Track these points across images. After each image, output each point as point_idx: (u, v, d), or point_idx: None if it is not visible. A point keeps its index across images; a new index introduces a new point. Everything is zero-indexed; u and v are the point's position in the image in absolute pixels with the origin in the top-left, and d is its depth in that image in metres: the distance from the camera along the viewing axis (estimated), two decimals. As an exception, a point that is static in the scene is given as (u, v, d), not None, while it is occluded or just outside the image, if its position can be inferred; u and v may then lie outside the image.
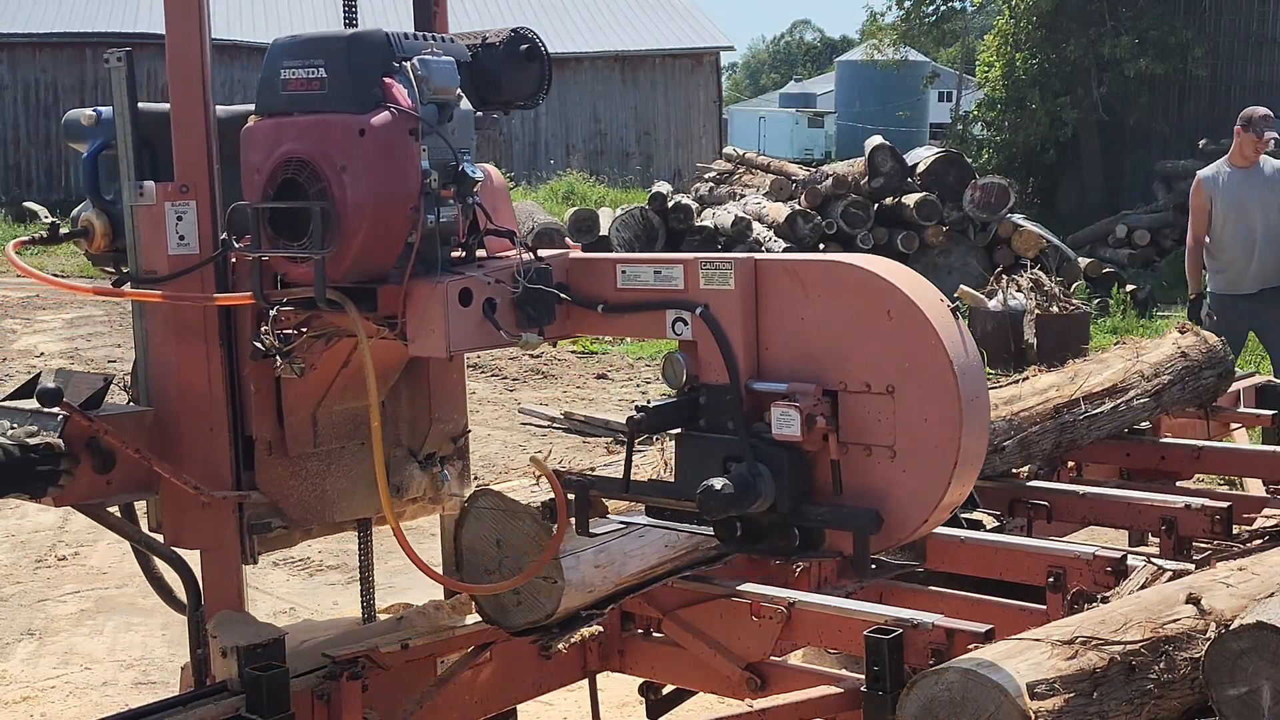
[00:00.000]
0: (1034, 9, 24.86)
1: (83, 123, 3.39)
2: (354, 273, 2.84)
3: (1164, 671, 2.57)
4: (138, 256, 3.24)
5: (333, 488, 3.44)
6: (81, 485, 3.13)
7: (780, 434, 2.60)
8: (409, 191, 2.82)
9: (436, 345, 2.83)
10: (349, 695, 3.27)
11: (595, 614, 3.36)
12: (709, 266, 2.74)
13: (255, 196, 2.90)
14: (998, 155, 25.37)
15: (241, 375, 3.24)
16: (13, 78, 31.20)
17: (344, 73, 2.83)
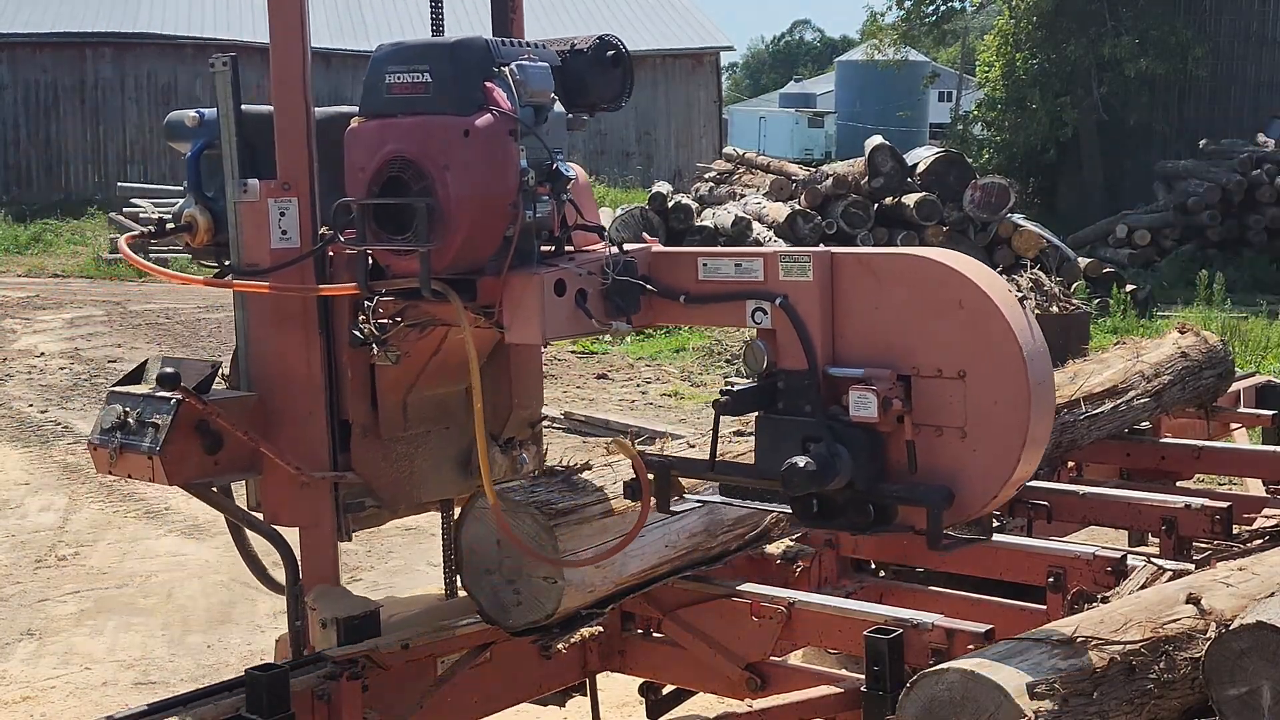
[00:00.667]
0: (1034, 9, 24.86)
1: (186, 124, 3.53)
2: (456, 265, 2.98)
3: (1164, 671, 2.57)
4: (240, 250, 3.39)
5: (419, 469, 3.59)
6: (192, 465, 3.30)
7: (858, 416, 2.76)
8: (509, 188, 2.97)
9: (532, 333, 3.00)
10: (349, 695, 3.27)
11: (595, 614, 3.35)
12: (788, 259, 2.90)
13: (359, 193, 3.03)
14: (998, 155, 25.37)
15: (338, 362, 3.40)
16: (13, 78, 31.19)
17: (448, 77, 2.98)
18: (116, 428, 3.33)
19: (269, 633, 6.33)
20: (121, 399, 3.37)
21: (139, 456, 3.29)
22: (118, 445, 3.32)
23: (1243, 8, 24.66)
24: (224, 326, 16.13)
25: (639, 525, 3.17)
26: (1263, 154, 19.73)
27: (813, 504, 2.86)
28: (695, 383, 12.31)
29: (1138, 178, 23.47)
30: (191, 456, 3.30)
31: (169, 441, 3.26)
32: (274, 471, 3.43)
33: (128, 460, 3.31)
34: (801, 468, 2.74)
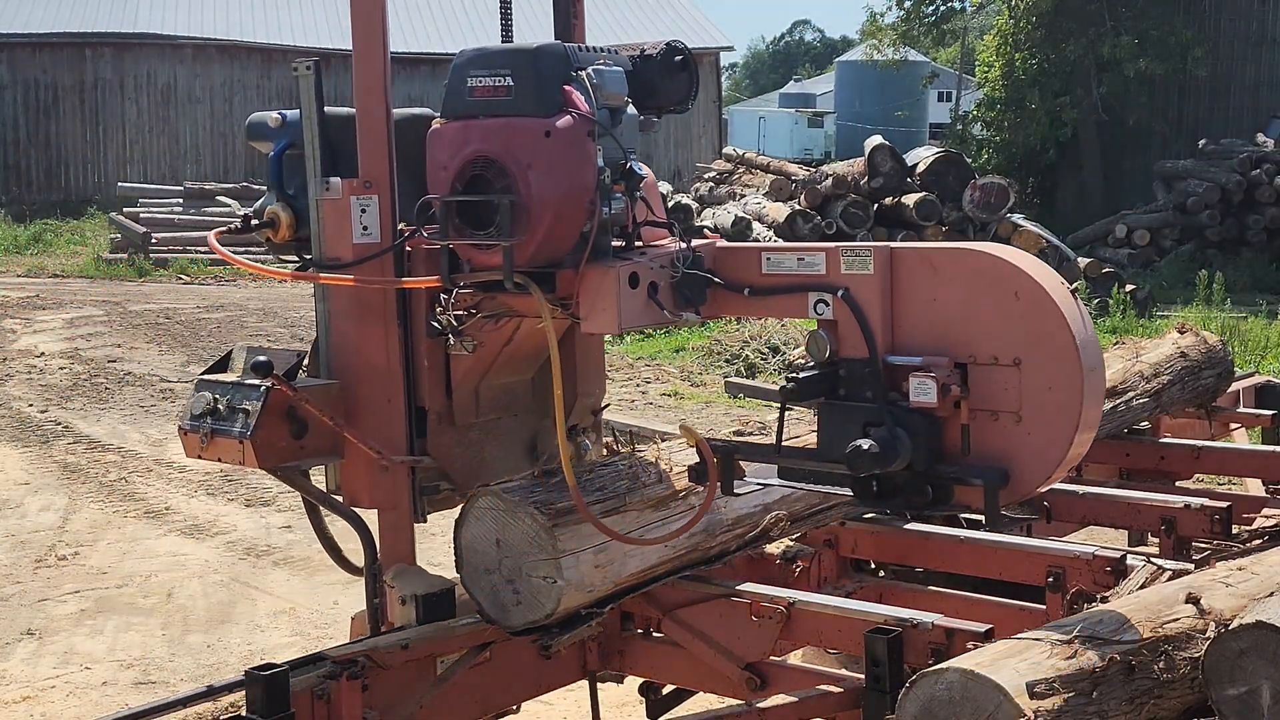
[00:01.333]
0: (1034, 9, 24.86)
1: (269, 124, 3.69)
2: (536, 259, 3.13)
3: (1163, 671, 2.57)
4: (322, 245, 3.53)
5: (490, 454, 3.75)
6: (280, 449, 3.45)
7: (917, 401, 2.92)
8: (587, 186, 3.13)
9: (609, 323, 3.16)
10: (349, 695, 3.27)
11: (595, 614, 3.36)
12: (850, 254, 3.06)
13: (442, 191, 3.18)
14: (997, 155, 25.38)
15: (416, 352, 3.55)
16: (13, 78, 31.19)
17: (530, 81, 3.13)
18: (206, 414, 3.48)
19: (269, 632, 6.33)
20: (210, 386, 3.53)
21: (230, 441, 3.43)
22: (208, 430, 3.46)
23: (1242, 8, 24.66)
24: (223, 326, 16.13)
25: (705, 506, 3.31)
26: (1262, 154, 19.74)
27: (872, 485, 3.01)
28: (695, 382, 12.31)
29: (1137, 178, 23.48)
30: (279, 441, 3.45)
31: (259, 427, 3.40)
32: (355, 456, 3.58)
33: (218, 444, 3.46)
34: (865, 450, 2.89)
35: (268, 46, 32.31)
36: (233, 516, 8.22)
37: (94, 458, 9.70)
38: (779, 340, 12.84)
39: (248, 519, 8.17)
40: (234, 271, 21.91)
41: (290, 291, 20.03)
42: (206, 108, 31.89)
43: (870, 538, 4.05)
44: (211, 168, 31.18)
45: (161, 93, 31.76)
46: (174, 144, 31.75)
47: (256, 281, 21.26)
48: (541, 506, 3.18)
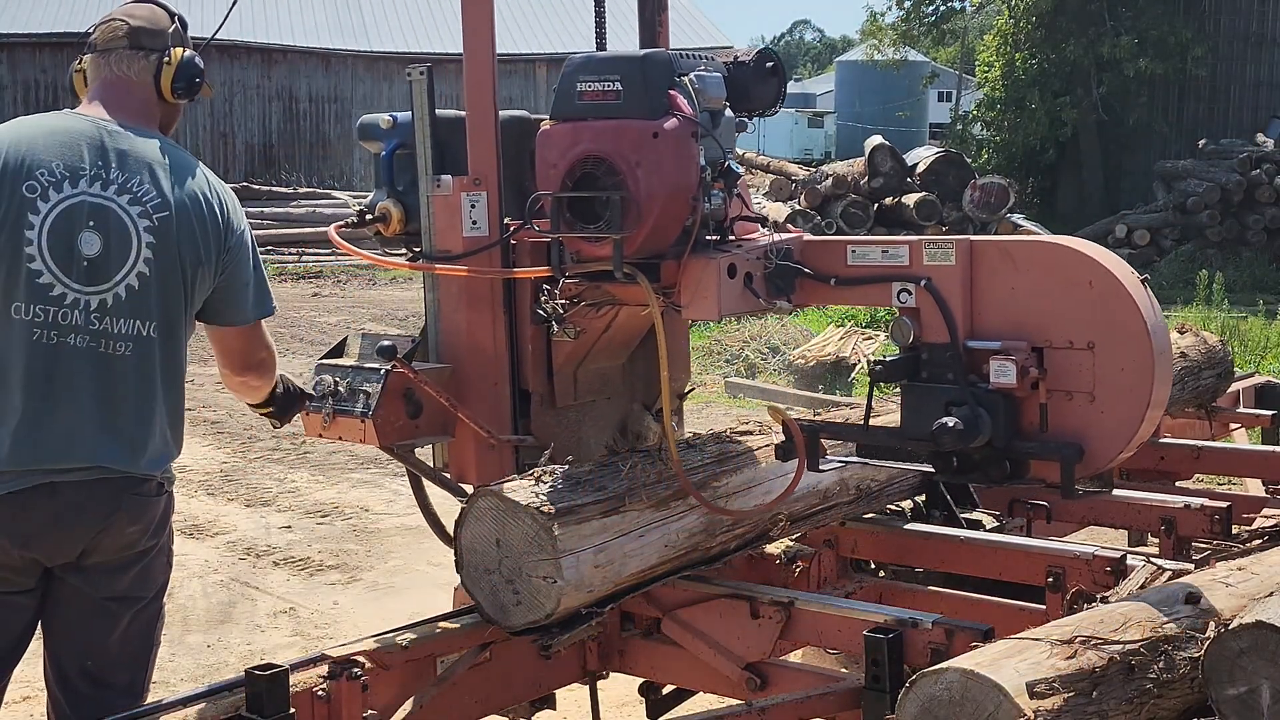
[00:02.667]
0: (1034, 9, 24.87)
1: (381, 125, 3.93)
2: (642, 251, 3.33)
3: (1163, 671, 2.57)
4: (432, 238, 3.77)
5: (586, 435, 3.98)
6: (398, 428, 3.66)
7: (997, 382, 3.13)
8: (690, 184, 3.33)
9: (709, 310, 3.39)
10: (349, 695, 3.27)
11: (595, 614, 3.36)
12: (933, 246, 3.28)
13: (552, 188, 3.36)
14: (997, 155, 25.38)
15: (520, 337, 3.79)
16: (13, 78, 31.19)
17: (638, 85, 3.32)
18: (328, 395, 3.71)
19: (269, 632, 6.33)
20: (330, 370, 3.77)
21: (352, 420, 3.65)
22: (331, 411, 3.69)
23: (1242, 8, 24.66)
24: (224, 326, 16.13)
25: (796, 481, 3.50)
26: (1262, 154, 19.73)
27: (953, 460, 3.25)
28: (694, 383, 12.31)
29: (1137, 178, 23.48)
30: (397, 420, 3.66)
31: (380, 407, 3.62)
32: (464, 435, 3.78)
33: (341, 424, 3.68)
34: (951, 427, 3.10)
35: (268, 46, 32.32)
36: (233, 516, 8.23)
37: (94, 458, 9.69)
38: (779, 340, 12.85)
39: (248, 519, 8.17)
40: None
41: (290, 292, 20.05)
42: (206, 107, 31.89)
43: (870, 538, 4.05)
44: (211, 167, 31.04)
45: (161, 93, 31.76)
46: (174, 144, 31.77)
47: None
48: (541, 506, 3.18)
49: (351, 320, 16.77)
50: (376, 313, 17.40)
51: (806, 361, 12.34)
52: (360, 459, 9.62)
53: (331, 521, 8.12)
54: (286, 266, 22.30)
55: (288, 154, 32.05)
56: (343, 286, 20.79)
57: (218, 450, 9.97)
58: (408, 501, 8.47)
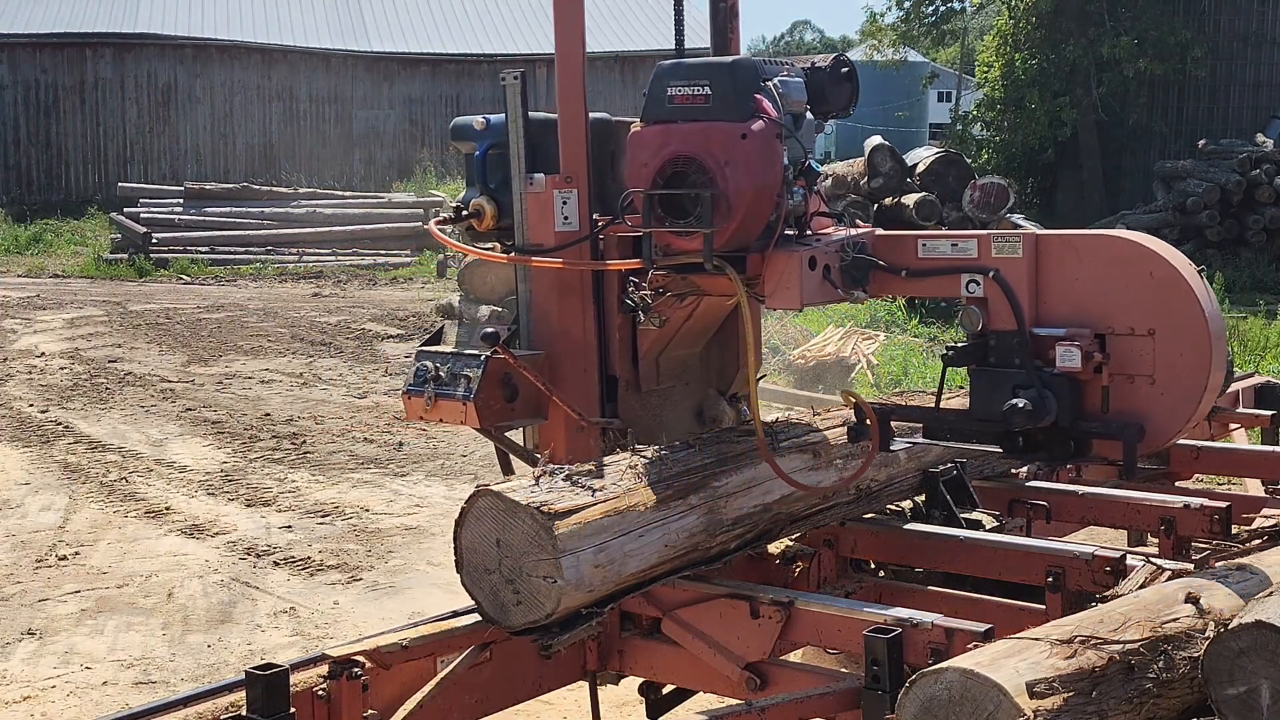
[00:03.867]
0: (1033, 9, 24.86)
1: (475, 127, 4.11)
2: (729, 244, 3.52)
3: (1163, 671, 2.57)
4: (525, 233, 3.95)
5: (666, 418, 4.17)
6: (496, 411, 3.85)
7: (1063, 366, 3.33)
8: (775, 182, 3.53)
9: (791, 300, 3.61)
10: (349, 695, 3.27)
11: (595, 614, 3.36)
12: (1001, 240, 3.48)
13: (643, 186, 3.56)
14: (997, 155, 25.37)
15: (608, 326, 3.97)
16: (13, 78, 31.19)
17: (727, 90, 3.52)
18: (429, 380, 3.89)
19: (269, 632, 6.33)
20: (430, 356, 3.95)
21: (454, 403, 3.83)
22: (432, 394, 3.87)
23: (1242, 8, 24.66)
24: (224, 326, 16.14)
25: (868, 461, 3.74)
26: (1262, 154, 19.72)
27: (1019, 440, 3.41)
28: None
29: (1137, 178, 23.48)
30: (495, 403, 3.85)
31: (480, 391, 3.80)
32: (555, 418, 3.95)
33: (442, 406, 3.86)
34: (1021, 408, 3.30)
35: (268, 46, 32.32)
36: (233, 516, 8.23)
37: (94, 458, 9.70)
38: (779, 340, 12.84)
39: (248, 519, 8.17)
40: (233, 271, 21.93)
41: (290, 292, 20.05)
42: (206, 108, 31.90)
43: (870, 538, 4.05)
44: (211, 168, 31.18)
45: (161, 93, 31.77)
46: (174, 144, 31.76)
47: (257, 281, 21.29)
48: (542, 506, 3.18)
49: (351, 320, 16.76)
50: (377, 313, 17.39)
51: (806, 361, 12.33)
52: (360, 459, 9.62)
53: (331, 521, 8.13)
54: (287, 266, 22.30)
55: (288, 154, 32.04)
56: (343, 286, 20.78)
57: (218, 450, 9.97)
58: (408, 501, 8.49)
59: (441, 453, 9.82)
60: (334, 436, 10.37)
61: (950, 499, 4.20)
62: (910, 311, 14.46)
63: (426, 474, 9.22)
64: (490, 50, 33.21)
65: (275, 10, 33.69)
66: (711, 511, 3.52)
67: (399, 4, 34.67)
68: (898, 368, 11.72)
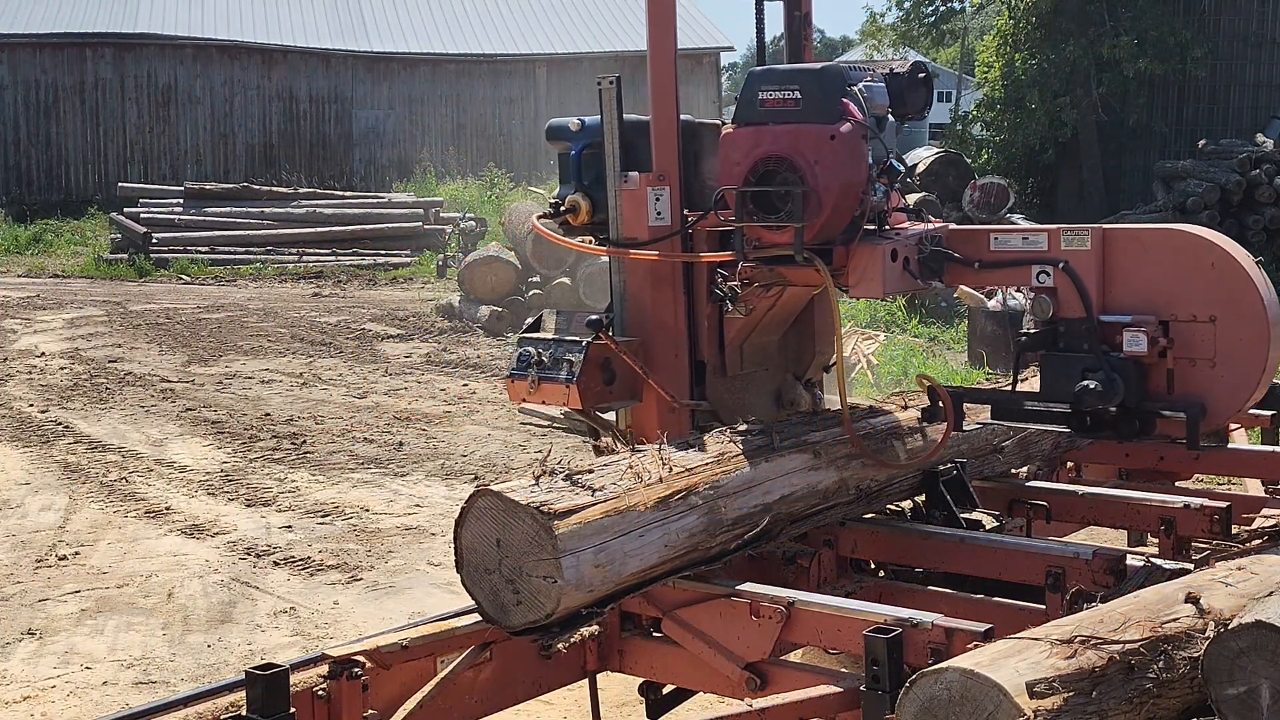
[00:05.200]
0: (1033, 9, 24.85)
1: (570, 128, 4.39)
2: (817, 238, 3.78)
3: (1163, 670, 2.57)
4: (620, 227, 4.20)
5: (748, 402, 4.40)
6: (596, 393, 4.11)
7: (1130, 351, 3.63)
8: (861, 180, 3.78)
9: (875, 289, 3.86)
10: (349, 695, 3.27)
11: (595, 614, 3.36)
12: (1069, 233, 3.75)
13: (734, 183, 3.81)
14: (997, 155, 25.35)
15: (697, 314, 4.22)
16: (13, 78, 31.18)
17: (816, 94, 3.78)
18: (531, 364, 4.15)
19: (269, 632, 6.33)
20: (531, 343, 4.23)
21: (557, 386, 4.10)
22: (536, 378, 4.14)
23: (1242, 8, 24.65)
24: (223, 326, 16.13)
25: (944, 441, 4.03)
26: (1262, 154, 19.69)
27: (1087, 420, 3.69)
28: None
29: (1137, 178, 23.46)
30: (596, 386, 4.11)
31: (582, 374, 4.07)
32: (648, 400, 4.22)
33: (545, 389, 4.14)
34: (1093, 389, 3.58)
35: (268, 46, 32.31)
36: (233, 516, 8.23)
37: (94, 458, 9.70)
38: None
39: (248, 519, 8.17)
40: (233, 271, 21.93)
41: (290, 292, 20.06)
42: (206, 108, 31.89)
43: (870, 538, 4.06)
44: (211, 168, 31.18)
45: (161, 93, 31.75)
46: (174, 144, 31.75)
47: (257, 281, 21.29)
48: (541, 506, 3.18)
49: (351, 320, 16.76)
50: (377, 313, 17.39)
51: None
52: (360, 459, 9.62)
53: (331, 521, 8.12)
54: (287, 266, 22.30)
55: (288, 154, 32.04)
56: (343, 286, 20.79)
57: (218, 450, 9.97)
58: (408, 501, 8.49)
59: (441, 453, 9.82)
60: (334, 436, 10.37)
61: (950, 499, 4.20)
62: (910, 312, 14.46)
63: (426, 474, 9.22)
64: (490, 50, 33.22)
65: (275, 10, 33.68)
66: (711, 511, 3.53)
67: (399, 4, 34.66)
68: (898, 368, 11.72)
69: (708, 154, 4.28)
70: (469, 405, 11.63)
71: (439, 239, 22.56)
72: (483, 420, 11.00)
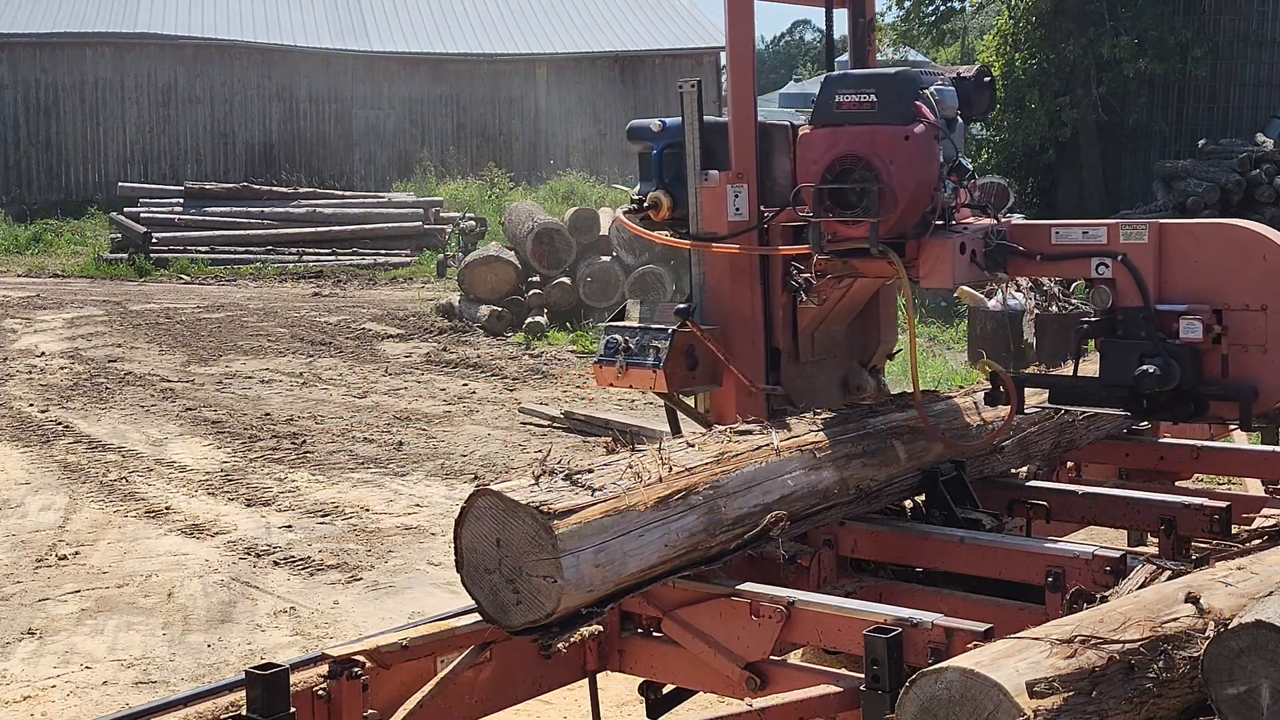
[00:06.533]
0: (1033, 9, 24.84)
1: (652, 129, 4.60)
2: (891, 233, 3.97)
3: (1163, 670, 2.57)
4: (700, 223, 4.41)
5: (818, 387, 4.63)
6: (681, 377, 4.33)
7: (1186, 337, 3.82)
8: (933, 178, 3.99)
9: (945, 279, 4.05)
10: (349, 695, 3.27)
11: (595, 614, 3.36)
12: (1128, 228, 3.96)
13: (812, 181, 4.02)
14: (997, 155, 25.35)
15: (773, 304, 4.42)
16: (13, 78, 31.17)
17: (892, 97, 3.98)
18: (619, 351, 4.39)
19: (269, 632, 6.34)
20: (618, 331, 4.46)
21: (644, 371, 4.34)
22: (623, 364, 4.37)
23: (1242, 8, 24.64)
24: (223, 326, 16.13)
25: (1008, 423, 4.26)
26: (1262, 154, 19.71)
27: (1143, 403, 3.91)
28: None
29: (1137, 177, 23.46)
30: (680, 371, 4.33)
31: (668, 359, 4.29)
32: (727, 384, 4.43)
33: (633, 374, 4.38)
34: (1152, 373, 3.79)
35: (268, 46, 32.30)
36: (233, 516, 8.23)
37: (94, 457, 9.70)
38: (779, 340, 12.86)
39: (248, 519, 8.17)
40: (233, 271, 21.93)
41: (290, 292, 20.06)
42: (206, 108, 31.88)
43: (870, 538, 4.05)
44: (211, 168, 31.18)
45: (161, 93, 31.74)
46: (174, 144, 31.74)
47: (257, 281, 21.29)
48: (541, 506, 3.18)
49: (351, 320, 16.76)
50: (377, 313, 17.39)
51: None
52: (360, 459, 9.63)
53: (331, 521, 8.13)
54: (287, 266, 22.29)
55: (288, 154, 32.03)
56: (343, 286, 20.79)
57: (218, 450, 9.97)
58: (408, 501, 8.49)
59: (441, 453, 9.82)
60: (334, 436, 10.37)
61: (950, 499, 4.20)
62: (910, 311, 14.45)
63: (426, 474, 9.22)
64: (490, 50, 33.21)
65: (275, 10, 33.67)
66: (711, 511, 3.52)
67: (399, 4, 34.65)
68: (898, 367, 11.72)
69: (777, 153, 4.48)
70: (469, 405, 11.64)
71: (439, 239, 22.58)
72: (483, 420, 11.00)
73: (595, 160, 31.72)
